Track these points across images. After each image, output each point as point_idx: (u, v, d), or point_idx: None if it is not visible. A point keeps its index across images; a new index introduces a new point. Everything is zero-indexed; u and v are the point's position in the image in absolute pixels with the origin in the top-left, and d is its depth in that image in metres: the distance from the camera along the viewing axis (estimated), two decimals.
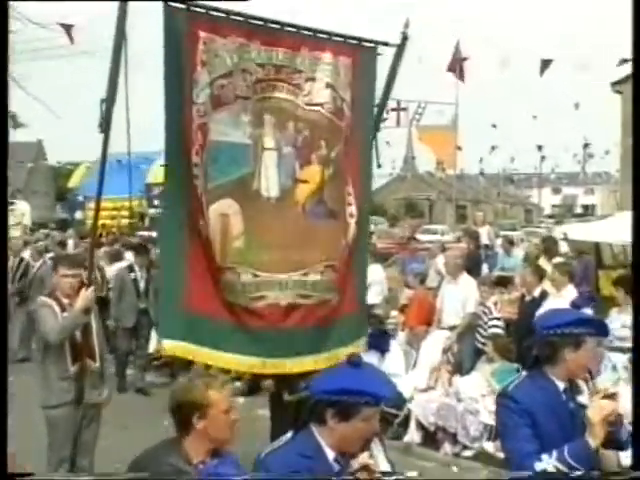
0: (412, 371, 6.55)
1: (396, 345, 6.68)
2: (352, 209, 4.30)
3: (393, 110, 17.11)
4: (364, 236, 4.53)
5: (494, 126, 20.07)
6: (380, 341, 6.24)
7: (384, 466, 2.25)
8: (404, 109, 17.69)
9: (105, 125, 3.61)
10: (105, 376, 4.28)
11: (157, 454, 2.36)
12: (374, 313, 6.82)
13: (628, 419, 2.49)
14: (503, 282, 7.63)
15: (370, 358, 5.44)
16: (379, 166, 4.59)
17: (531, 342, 2.67)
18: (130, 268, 7.61)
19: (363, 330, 4.56)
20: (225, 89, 3.81)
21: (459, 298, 6.93)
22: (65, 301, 4.10)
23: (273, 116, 4.02)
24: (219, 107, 3.81)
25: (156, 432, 2.68)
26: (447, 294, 7.08)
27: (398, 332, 7.08)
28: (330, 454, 2.19)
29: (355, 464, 2.09)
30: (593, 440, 2.33)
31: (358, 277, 4.47)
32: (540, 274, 6.56)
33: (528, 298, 6.48)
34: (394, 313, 7.39)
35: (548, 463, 2.37)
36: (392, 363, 6.43)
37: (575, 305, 4.34)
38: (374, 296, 7.65)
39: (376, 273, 8.48)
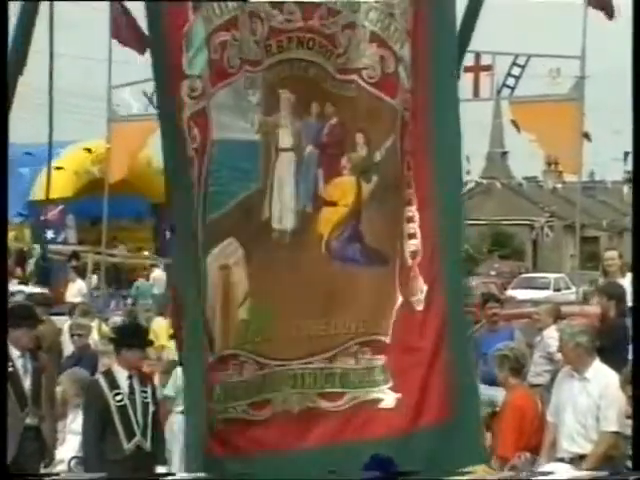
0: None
1: None
2: (414, 245, 4.36)
3: (468, 70, 17.15)
4: (452, 291, 4.55)
5: None
6: None
7: None
8: (487, 68, 17.74)
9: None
10: None
11: None
12: None
13: None
14: None
15: None
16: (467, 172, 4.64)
17: None
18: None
19: (473, 449, 4.61)
20: (227, 50, 3.93)
21: (589, 405, 6.94)
22: None
23: (293, 93, 4.13)
24: (219, 81, 3.93)
25: None
26: (567, 398, 7.08)
27: None
28: None
29: None
30: None
31: (453, 366, 4.51)
32: None
33: None
34: None
35: None
36: None
37: None
38: None
39: None
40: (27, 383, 7.35)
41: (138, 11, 3.93)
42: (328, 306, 4.28)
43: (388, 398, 4.36)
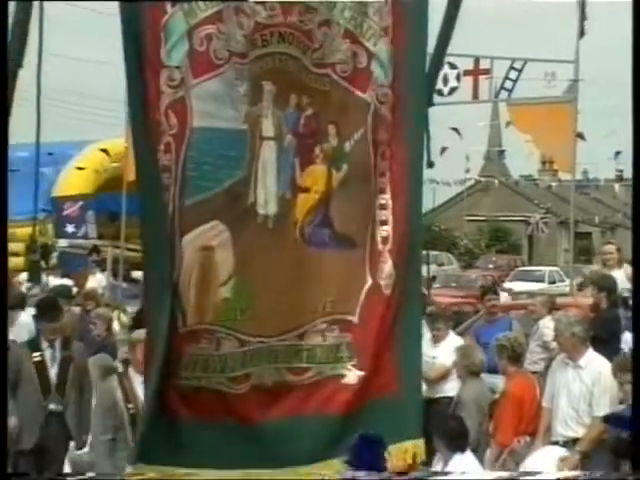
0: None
1: (480, 472, 6.65)
2: (386, 231, 4.43)
3: (468, 74, 17.15)
4: (413, 275, 4.69)
5: None
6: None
7: None
8: (486, 72, 17.69)
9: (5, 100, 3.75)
10: None
11: None
12: None
13: None
14: None
15: None
16: (430, 165, 4.71)
17: None
18: (33, 342, 7.71)
19: (413, 423, 4.69)
20: (213, 42, 3.96)
21: (582, 392, 6.95)
22: None
23: (274, 84, 4.18)
24: (205, 72, 3.96)
25: None
26: (561, 385, 7.10)
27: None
28: None
29: None
30: None
31: (403, 342, 4.62)
32: None
33: None
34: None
35: None
36: None
37: None
38: None
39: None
40: (53, 371, 7.43)
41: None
42: (301, 287, 4.35)
43: (351, 375, 4.45)
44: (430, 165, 4.72)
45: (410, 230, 4.58)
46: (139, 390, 6.01)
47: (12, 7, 3.77)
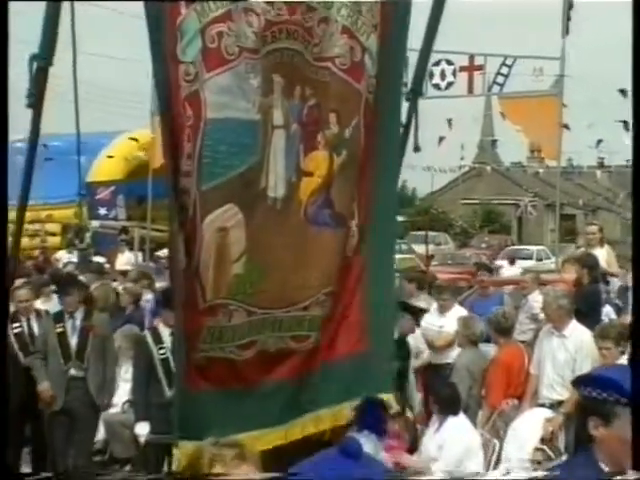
0: (495, 470, 6.54)
1: (474, 435, 6.67)
2: (353, 207, 4.55)
3: (463, 70, 17.07)
4: (384, 244, 4.77)
5: (622, 92, 19.54)
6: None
7: None
8: (479, 68, 17.60)
9: (37, 94, 3.73)
10: None
11: None
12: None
13: None
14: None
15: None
16: (417, 149, 4.72)
17: None
18: (58, 314, 7.73)
19: (383, 378, 4.77)
20: (224, 39, 3.95)
21: (566, 359, 6.95)
22: None
23: (282, 77, 4.18)
24: (216, 66, 3.95)
25: None
26: (547, 352, 7.09)
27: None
28: None
29: None
30: None
31: (368, 304, 4.71)
32: None
33: None
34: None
35: None
36: (468, 456, 6.43)
37: None
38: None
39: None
40: (74, 340, 7.48)
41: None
42: (305, 263, 4.37)
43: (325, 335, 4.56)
44: (416, 149, 4.74)
45: (375, 205, 4.59)
46: (167, 340, 6.26)
47: (42, 9, 3.75)
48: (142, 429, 6.57)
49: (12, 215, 3.91)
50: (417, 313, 8.15)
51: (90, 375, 7.32)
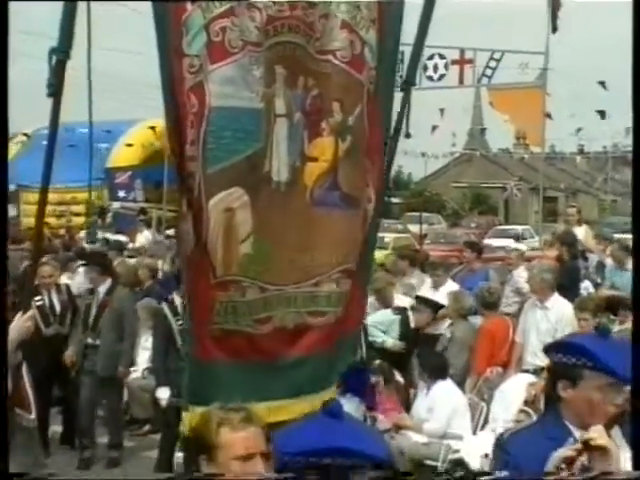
0: (482, 432, 6.59)
1: (460, 397, 6.71)
2: (370, 192, 4.48)
3: (454, 63, 17.02)
4: (376, 228, 4.77)
5: (602, 84, 19.54)
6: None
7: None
8: (469, 61, 17.56)
9: (56, 85, 3.71)
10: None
11: None
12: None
13: None
14: (613, 306, 7.58)
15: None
16: (407, 136, 4.72)
17: None
18: (90, 288, 7.87)
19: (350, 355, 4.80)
20: (228, 33, 3.94)
21: (548, 328, 6.98)
22: None
23: (285, 69, 4.17)
24: (220, 59, 3.94)
25: None
26: (531, 323, 7.12)
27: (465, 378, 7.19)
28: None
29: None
30: None
31: (365, 285, 4.76)
32: None
33: None
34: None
35: None
36: (455, 420, 6.49)
37: None
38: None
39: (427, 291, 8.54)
40: (93, 312, 7.57)
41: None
42: (313, 242, 4.32)
43: (342, 313, 4.49)
44: (407, 136, 4.74)
45: (381, 189, 4.62)
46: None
47: (60, 8, 3.75)
48: (163, 393, 6.60)
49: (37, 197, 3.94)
50: (435, 307, 8.00)
51: (101, 344, 7.43)
